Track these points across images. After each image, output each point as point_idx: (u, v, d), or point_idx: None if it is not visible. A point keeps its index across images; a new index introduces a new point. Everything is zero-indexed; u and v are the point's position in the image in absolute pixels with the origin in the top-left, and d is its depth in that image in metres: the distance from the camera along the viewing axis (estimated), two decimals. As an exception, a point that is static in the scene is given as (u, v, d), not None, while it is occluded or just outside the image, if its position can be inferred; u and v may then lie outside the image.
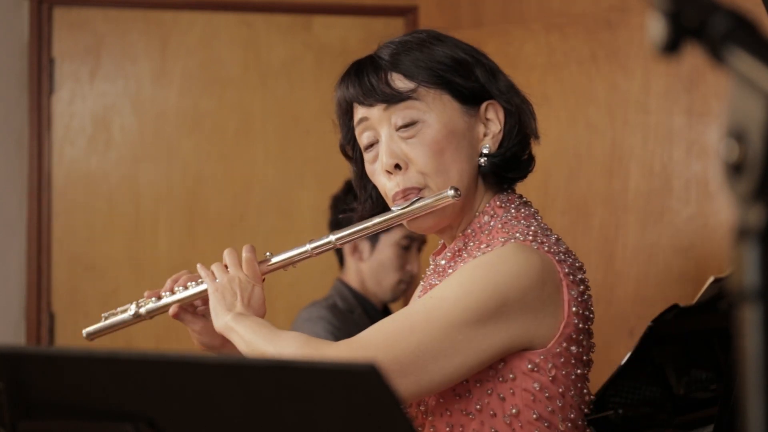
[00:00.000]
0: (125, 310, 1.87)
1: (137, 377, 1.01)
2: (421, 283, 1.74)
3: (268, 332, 1.55)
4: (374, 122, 1.61)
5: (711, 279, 2.50)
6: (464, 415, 1.50)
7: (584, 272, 1.56)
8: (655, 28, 0.68)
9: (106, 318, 1.90)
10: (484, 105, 1.61)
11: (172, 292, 1.80)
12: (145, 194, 3.96)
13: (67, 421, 1.04)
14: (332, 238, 1.68)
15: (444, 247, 1.68)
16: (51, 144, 3.93)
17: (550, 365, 1.48)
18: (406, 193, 1.58)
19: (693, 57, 0.71)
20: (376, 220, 1.64)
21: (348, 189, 3.08)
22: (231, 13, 4.06)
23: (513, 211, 1.59)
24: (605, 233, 3.56)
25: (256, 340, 1.54)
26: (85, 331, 1.95)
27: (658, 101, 3.50)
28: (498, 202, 1.61)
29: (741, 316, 0.66)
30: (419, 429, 1.55)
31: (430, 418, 1.53)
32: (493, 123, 1.61)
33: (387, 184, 1.60)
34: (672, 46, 0.68)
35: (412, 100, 1.58)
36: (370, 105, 1.61)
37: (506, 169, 1.62)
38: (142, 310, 1.85)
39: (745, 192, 0.65)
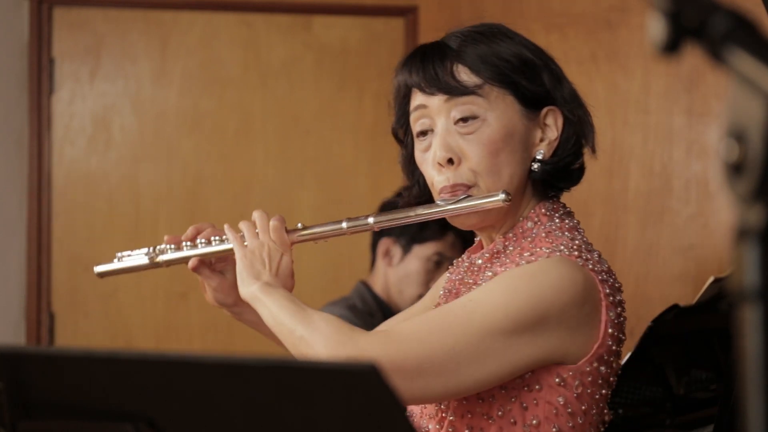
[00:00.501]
0: (142, 255, 1.83)
1: (137, 377, 1.01)
2: (448, 275, 1.72)
3: (298, 310, 1.51)
4: (432, 111, 1.59)
5: (711, 279, 2.50)
6: (485, 419, 1.49)
7: (622, 293, 1.54)
8: (655, 28, 0.68)
9: (121, 259, 1.86)
10: (544, 110, 1.58)
11: (194, 244, 1.76)
12: (145, 194, 3.96)
13: (67, 421, 1.04)
14: (371, 220, 1.66)
15: (481, 244, 1.66)
16: (51, 144, 3.93)
17: (577, 382, 1.47)
18: (454, 189, 1.55)
19: (693, 57, 0.71)
20: (420, 210, 1.62)
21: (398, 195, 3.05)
22: (231, 13, 4.06)
23: (557, 220, 1.57)
24: (605, 233, 3.56)
25: (284, 316, 1.52)
26: (96, 269, 1.89)
27: (658, 101, 3.50)
28: (543, 210, 1.58)
29: (741, 316, 0.66)
30: (437, 427, 1.53)
31: (450, 418, 1.51)
32: (550, 129, 1.59)
33: (436, 177, 1.58)
34: (672, 46, 0.68)
35: (476, 95, 1.55)
36: (431, 94, 1.58)
37: (558, 177, 1.59)
38: (161, 259, 1.81)
39: (745, 192, 0.65)
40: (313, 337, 1.46)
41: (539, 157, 1.58)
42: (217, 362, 0.99)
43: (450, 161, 1.55)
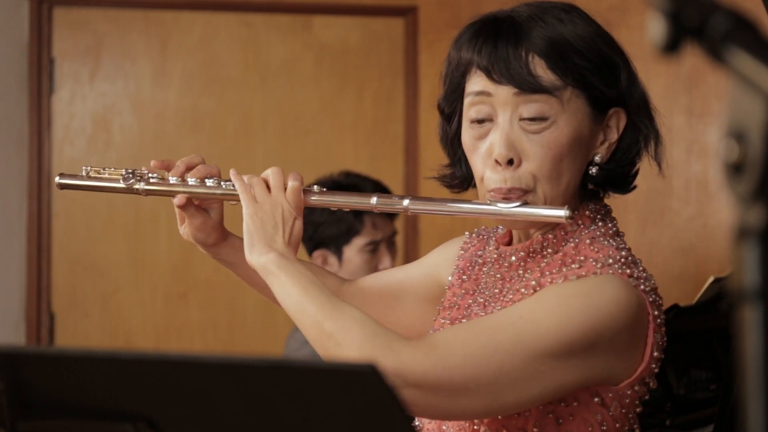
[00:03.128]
0: (117, 176, 1.65)
1: (137, 377, 1.01)
2: (461, 251, 1.62)
3: (326, 300, 1.38)
4: (496, 101, 1.43)
5: (711, 279, 2.50)
6: None
7: (664, 315, 1.46)
8: (655, 28, 0.68)
9: (89, 174, 1.68)
10: (611, 111, 1.47)
11: (183, 179, 1.61)
12: (145, 194, 3.96)
13: (67, 421, 1.04)
14: (406, 203, 1.52)
15: (509, 234, 1.55)
16: (51, 144, 3.94)
17: (615, 403, 1.41)
18: (509, 192, 1.42)
19: (693, 57, 0.71)
20: (466, 206, 1.48)
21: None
22: (231, 13, 4.06)
23: (600, 223, 1.48)
24: (605, 233, 3.56)
25: (307, 303, 1.38)
26: (58, 180, 1.71)
27: (658, 101, 3.49)
28: (587, 211, 1.48)
29: (741, 316, 0.65)
30: None
31: (483, 429, 1.43)
32: (611, 131, 1.47)
33: (488, 173, 1.44)
34: (672, 46, 0.68)
35: (550, 95, 1.41)
36: (500, 83, 1.42)
37: (612, 183, 1.50)
38: (142, 185, 1.64)
39: (745, 192, 0.65)
40: (346, 338, 1.34)
41: (597, 159, 1.47)
42: (217, 362, 0.99)
43: (510, 161, 1.42)
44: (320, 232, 2.98)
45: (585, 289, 1.37)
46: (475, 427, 1.44)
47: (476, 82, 1.45)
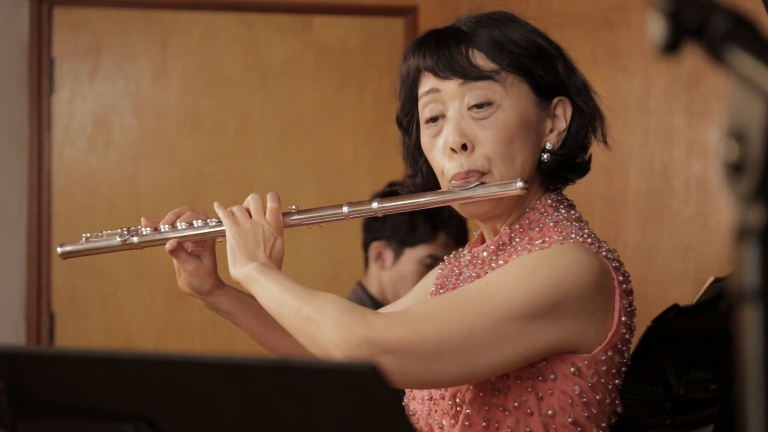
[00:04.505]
0: (114, 235, 1.73)
1: (137, 377, 1.01)
2: (439, 270, 1.70)
3: (302, 290, 1.46)
4: (445, 96, 1.54)
5: (711, 279, 2.50)
6: (501, 411, 1.47)
7: (631, 283, 1.53)
8: (655, 28, 0.68)
9: (89, 239, 1.76)
10: (555, 100, 1.56)
11: (173, 227, 1.68)
12: (145, 194, 3.96)
13: (67, 421, 1.04)
14: (375, 205, 1.61)
15: (482, 237, 1.64)
16: (51, 144, 3.94)
17: (592, 371, 1.46)
18: (467, 176, 1.51)
19: (693, 57, 0.71)
20: (430, 197, 1.57)
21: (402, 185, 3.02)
22: (231, 13, 4.06)
23: (563, 211, 1.56)
24: (605, 233, 3.54)
25: (287, 297, 1.46)
26: (60, 249, 1.78)
27: (658, 101, 3.50)
28: (549, 201, 1.56)
29: (741, 316, 0.66)
30: (452, 422, 1.51)
31: (467, 411, 1.48)
32: (559, 120, 1.57)
33: (446, 164, 1.53)
34: (672, 46, 0.68)
35: (492, 81, 1.52)
36: (445, 78, 1.54)
37: (566, 168, 1.58)
38: (135, 239, 1.71)
39: (745, 192, 0.65)
40: (322, 316, 1.41)
41: (548, 147, 1.56)
42: (217, 362, 0.99)
43: (464, 147, 1.51)
44: (388, 225, 2.96)
45: (547, 254, 1.45)
46: (458, 408, 1.49)
47: (425, 83, 1.57)
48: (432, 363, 1.39)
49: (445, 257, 1.73)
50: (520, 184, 1.48)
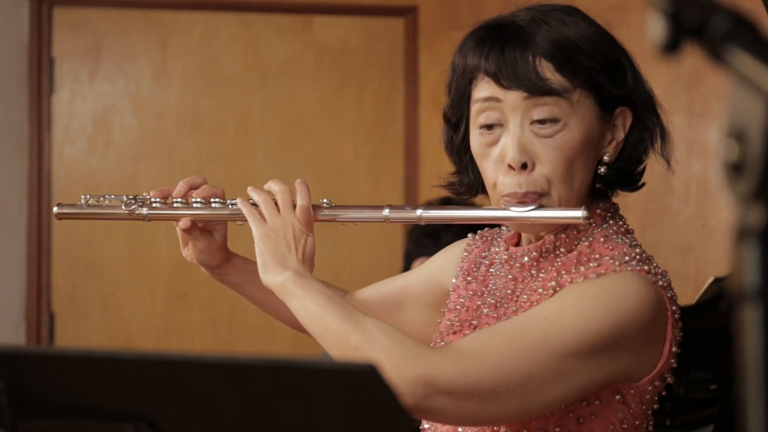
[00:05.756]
0: (119, 203, 1.63)
1: (137, 377, 1.01)
2: (464, 253, 1.61)
3: (348, 314, 1.37)
4: (506, 107, 1.42)
5: (711, 279, 2.50)
6: None
7: (679, 309, 1.47)
8: (655, 28, 0.68)
9: (89, 202, 1.65)
10: (617, 110, 1.47)
11: (186, 202, 1.59)
12: (145, 194, 3.96)
13: (67, 421, 1.04)
14: (419, 212, 1.51)
15: (517, 235, 1.55)
16: (51, 144, 3.94)
17: (636, 399, 1.41)
18: (525, 197, 1.42)
19: (693, 57, 0.71)
20: (480, 213, 1.50)
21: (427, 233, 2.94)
22: (231, 13, 4.06)
23: (611, 221, 1.49)
24: (605, 233, 3.56)
25: (331, 319, 1.37)
26: (56, 209, 1.67)
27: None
28: (597, 210, 1.48)
29: (741, 316, 0.65)
30: None
31: (503, 430, 1.43)
32: (618, 130, 1.48)
33: (502, 178, 1.43)
34: (672, 46, 0.68)
35: (560, 97, 1.41)
36: (509, 88, 1.42)
37: (621, 182, 1.50)
38: (145, 210, 1.61)
39: (745, 192, 0.65)
40: (373, 349, 1.32)
41: (606, 159, 1.47)
42: (217, 362, 0.99)
43: (523, 165, 1.41)
44: (440, 244, 2.92)
45: (607, 287, 1.38)
46: (495, 428, 1.43)
47: (484, 88, 1.45)
48: (489, 403, 1.34)
49: (470, 235, 1.65)
50: (582, 213, 1.40)
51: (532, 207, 1.42)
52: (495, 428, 1.43)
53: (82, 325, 3.96)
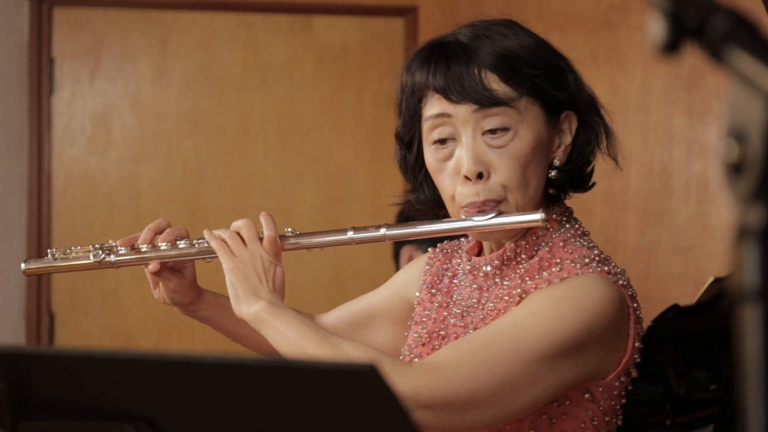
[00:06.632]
0: (87, 253, 1.67)
1: (137, 377, 1.01)
2: (426, 267, 1.66)
3: (323, 338, 1.41)
4: (457, 121, 1.47)
5: (711, 279, 2.50)
6: None
7: (637, 300, 1.52)
8: (655, 28, 0.68)
9: (55, 256, 1.70)
10: (563, 115, 1.52)
11: (152, 245, 1.63)
12: (145, 194, 3.97)
13: (67, 421, 1.04)
14: (383, 231, 1.55)
15: (478, 245, 1.59)
16: (51, 144, 3.94)
17: (605, 396, 1.46)
18: (483, 205, 1.46)
19: (693, 57, 0.71)
20: (443, 226, 1.52)
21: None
22: (231, 13, 4.06)
23: (567, 225, 1.53)
24: (605, 233, 3.56)
25: (307, 344, 1.41)
26: (23, 265, 1.73)
27: (658, 101, 3.50)
28: (554, 215, 1.53)
29: (741, 316, 0.65)
30: None
31: None
32: (565, 134, 1.53)
33: (460, 190, 1.48)
34: (672, 46, 0.68)
35: (508, 107, 1.46)
36: (458, 102, 1.46)
37: (572, 184, 1.55)
38: (112, 258, 1.66)
39: (745, 192, 0.65)
40: None
41: (556, 163, 1.52)
42: (217, 362, 0.99)
43: (479, 175, 1.46)
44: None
45: (572, 291, 1.42)
46: None
47: (434, 105, 1.49)
48: (467, 413, 1.38)
49: (430, 249, 1.70)
50: (540, 216, 1.45)
51: (492, 215, 1.47)
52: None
53: (82, 324, 3.96)
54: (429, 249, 1.70)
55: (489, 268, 1.54)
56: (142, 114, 3.99)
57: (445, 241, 1.69)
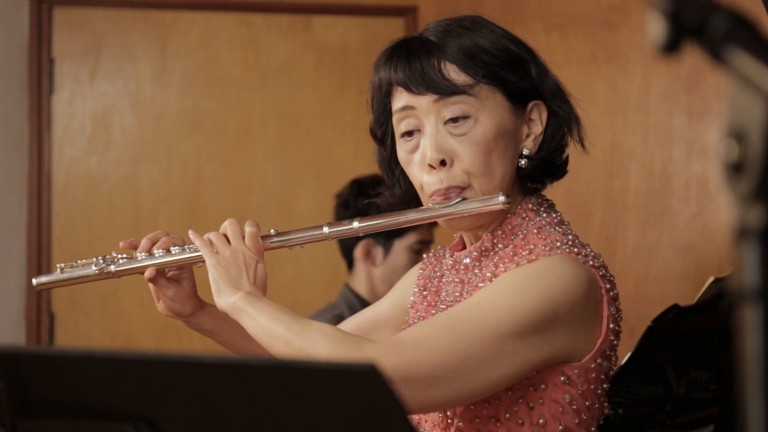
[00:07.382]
0: (89, 264, 1.74)
1: (137, 377, 1.01)
2: (420, 271, 1.70)
3: (293, 321, 1.44)
4: (420, 112, 1.52)
5: (711, 279, 2.50)
6: (492, 422, 1.47)
7: (616, 288, 1.53)
8: (655, 28, 0.68)
9: (63, 270, 1.76)
10: (530, 105, 1.55)
11: (150, 254, 1.67)
12: (145, 194, 3.96)
13: (67, 421, 1.04)
14: (356, 225, 1.59)
15: (462, 242, 1.63)
16: (51, 144, 3.94)
17: (582, 379, 1.46)
18: (448, 192, 1.51)
19: (693, 57, 0.71)
20: (412, 215, 1.57)
21: (359, 188, 3.03)
22: (231, 13, 4.06)
23: (544, 214, 1.55)
24: (605, 233, 3.56)
25: (278, 328, 1.44)
26: (35, 281, 1.79)
27: (658, 101, 3.50)
28: (530, 205, 1.56)
29: (741, 316, 0.65)
30: None
31: (459, 423, 1.49)
32: (535, 124, 1.56)
33: (426, 179, 1.52)
34: (672, 46, 0.68)
35: (466, 95, 1.50)
36: (419, 93, 1.52)
37: (545, 172, 1.57)
38: (113, 267, 1.72)
39: (745, 192, 0.65)
40: (315, 348, 1.40)
41: (526, 152, 1.55)
42: (217, 362, 0.99)
43: (442, 163, 1.51)
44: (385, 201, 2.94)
45: (536, 269, 1.44)
46: (449, 420, 1.50)
47: (399, 99, 1.55)
48: (429, 388, 1.39)
49: (425, 255, 1.73)
50: (501, 198, 1.48)
51: (456, 201, 1.50)
52: (449, 420, 1.50)
53: (82, 325, 3.96)
54: (424, 255, 1.73)
55: (468, 260, 1.57)
56: (142, 114, 3.99)
57: (438, 246, 1.73)
